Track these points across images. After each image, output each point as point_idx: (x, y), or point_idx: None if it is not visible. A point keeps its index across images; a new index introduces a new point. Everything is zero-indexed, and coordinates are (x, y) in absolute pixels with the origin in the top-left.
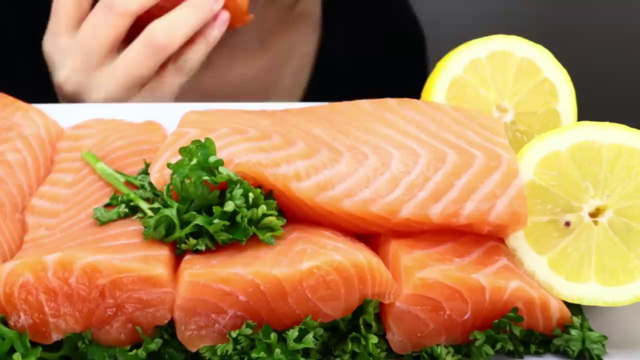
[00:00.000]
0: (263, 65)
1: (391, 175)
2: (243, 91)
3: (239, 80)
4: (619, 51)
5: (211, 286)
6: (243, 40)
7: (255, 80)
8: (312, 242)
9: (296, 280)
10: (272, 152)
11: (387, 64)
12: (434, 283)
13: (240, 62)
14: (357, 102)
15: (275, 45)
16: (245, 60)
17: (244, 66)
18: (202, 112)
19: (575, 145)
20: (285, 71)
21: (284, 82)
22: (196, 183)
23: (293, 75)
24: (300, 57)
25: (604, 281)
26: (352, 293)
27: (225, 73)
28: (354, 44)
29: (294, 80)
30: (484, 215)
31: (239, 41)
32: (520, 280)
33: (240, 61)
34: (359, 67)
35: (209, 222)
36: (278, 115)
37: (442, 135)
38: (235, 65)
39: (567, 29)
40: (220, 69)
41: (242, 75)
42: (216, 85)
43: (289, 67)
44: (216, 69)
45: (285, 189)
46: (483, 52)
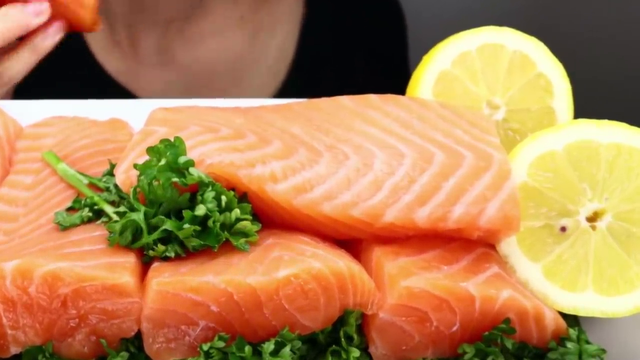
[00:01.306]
0: (241, 40)
1: (374, 177)
2: (219, 67)
3: (214, 55)
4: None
5: (181, 296)
6: (221, 14)
7: (232, 56)
8: (289, 248)
9: (272, 290)
10: (246, 152)
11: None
12: (420, 292)
13: (216, 37)
14: (337, 98)
15: (256, 21)
16: (221, 35)
17: (219, 41)
18: (171, 109)
19: (571, 145)
20: (267, 49)
21: (266, 60)
22: (165, 185)
23: (275, 54)
24: (284, 35)
25: (603, 290)
26: (332, 303)
27: (198, 47)
28: (339, 21)
29: (276, 59)
30: (473, 220)
31: (216, 14)
32: (513, 289)
33: (216, 35)
34: (343, 48)
35: (179, 227)
36: (253, 112)
37: (429, 133)
38: (211, 40)
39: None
40: (194, 43)
41: (217, 50)
42: (190, 59)
43: (271, 45)
44: (190, 43)
45: (261, 191)
46: (473, 44)
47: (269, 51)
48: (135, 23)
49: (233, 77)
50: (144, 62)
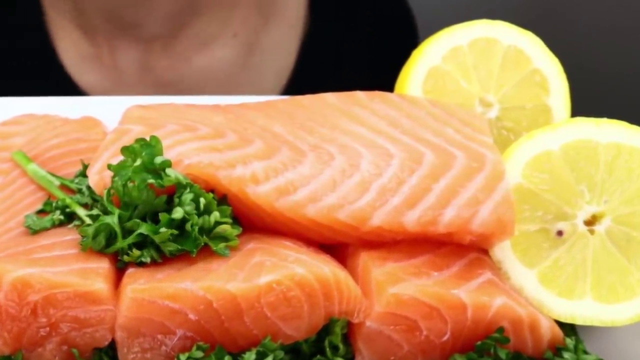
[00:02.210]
0: (232, 60)
1: (360, 178)
2: (207, 87)
3: (201, 74)
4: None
5: (157, 303)
6: (210, 30)
7: (222, 76)
8: (272, 253)
9: (253, 297)
10: (226, 152)
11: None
12: (408, 300)
13: (203, 54)
14: (322, 95)
15: (252, 39)
16: (210, 52)
17: (208, 57)
18: (148, 106)
19: (568, 144)
20: (263, 70)
21: (261, 82)
22: (140, 187)
23: (272, 76)
24: (282, 56)
25: (601, 298)
26: (316, 311)
27: (183, 65)
28: (341, 45)
29: (272, 81)
30: (465, 223)
31: (205, 30)
32: (507, 296)
33: (204, 53)
34: (345, 72)
35: (155, 231)
36: (233, 110)
37: (418, 132)
38: (198, 57)
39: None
40: (179, 60)
41: (205, 69)
42: (174, 77)
43: (267, 66)
44: (174, 60)
45: (241, 193)
46: (465, 38)
47: (265, 73)
48: (116, 37)
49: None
50: (124, 79)
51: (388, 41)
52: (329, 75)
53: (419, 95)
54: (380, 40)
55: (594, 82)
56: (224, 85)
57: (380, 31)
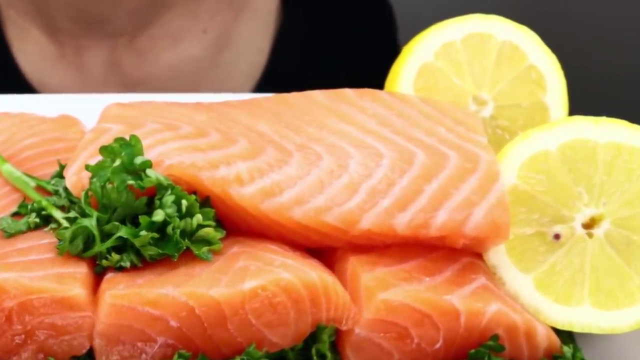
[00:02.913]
0: (201, 55)
1: (349, 179)
2: (175, 84)
3: (169, 71)
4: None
5: (137, 310)
6: (177, 25)
7: (191, 72)
8: (256, 257)
9: (237, 303)
10: (209, 152)
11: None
12: (399, 306)
13: (171, 50)
14: (309, 93)
15: (222, 35)
16: (178, 49)
17: (175, 55)
18: (127, 104)
19: (566, 144)
20: (233, 67)
21: (231, 79)
22: (119, 188)
23: (243, 73)
24: (254, 52)
25: (600, 304)
26: (303, 318)
27: (151, 62)
28: (315, 42)
29: (244, 79)
30: (458, 227)
31: (172, 26)
32: (501, 302)
33: (171, 49)
34: (318, 68)
35: (135, 235)
36: (216, 108)
37: (409, 132)
38: (165, 54)
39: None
40: (146, 57)
41: (173, 66)
42: (142, 75)
43: (238, 62)
44: (142, 57)
45: (225, 195)
46: (457, 34)
47: (236, 70)
48: (82, 36)
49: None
50: (91, 80)
51: (365, 36)
52: (302, 73)
53: (410, 92)
54: (356, 36)
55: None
56: (193, 84)
57: (357, 26)
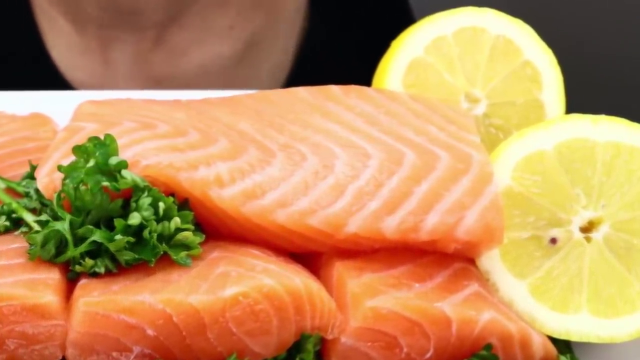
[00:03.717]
0: (229, 53)
1: (335, 181)
2: (202, 82)
3: (197, 69)
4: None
5: (112, 317)
6: (204, 21)
7: (219, 70)
8: (238, 263)
9: (217, 311)
10: (187, 152)
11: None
12: (387, 314)
13: (199, 48)
14: (292, 89)
15: (249, 31)
16: (206, 46)
17: (203, 52)
18: (102, 102)
19: (563, 144)
20: (260, 65)
21: (256, 79)
22: (93, 190)
23: (269, 73)
24: (280, 50)
25: (599, 312)
26: (286, 326)
27: (179, 59)
28: (340, 44)
29: (269, 80)
30: (450, 230)
31: (199, 21)
32: (495, 310)
33: (200, 46)
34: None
35: (110, 239)
36: (195, 106)
37: (398, 131)
38: (193, 51)
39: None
40: (174, 54)
41: (200, 63)
42: (169, 72)
43: (264, 61)
44: (169, 54)
45: (204, 197)
46: (449, 27)
47: (262, 67)
48: (110, 27)
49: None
50: (116, 74)
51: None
52: (327, 75)
53: (399, 89)
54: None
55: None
56: (219, 83)
57: (382, 30)
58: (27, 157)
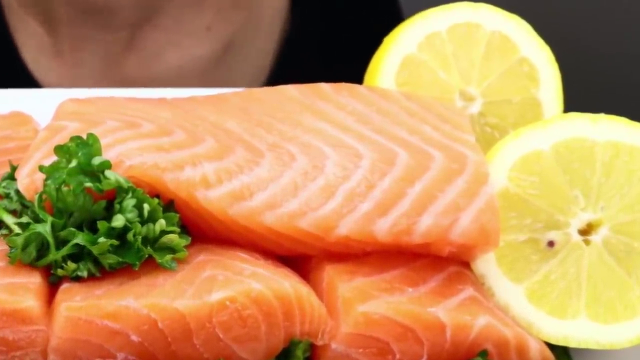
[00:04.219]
0: (207, 55)
1: (325, 182)
2: (178, 85)
3: (173, 72)
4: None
5: (95, 323)
6: (182, 20)
7: (196, 73)
8: (225, 266)
9: (204, 316)
10: (173, 152)
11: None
12: (380, 319)
13: (175, 48)
14: (281, 87)
15: (228, 33)
16: (182, 48)
17: (179, 53)
18: (84, 100)
19: (560, 143)
20: (238, 68)
21: (235, 83)
22: (76, 191)
23: (248, 75)
24: (260, 54)
25: (598, 317)
26: (275, 332)
27: (153, 62)
28: (324, 45)
29: (248, 83)
30: (444, 233)
31: (178, 23)
32: (491, 315)
33: (175, 47)
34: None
35: (93, 241)
36: (181, 105)
37: (391, 130)
38: (168, 54)
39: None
40: (148, 57)
41: (176, 65)
42: (143, 74)
43: (243, 63)
44: (143, 56)
45: (190, 198)
46: (443, 23)
47: (241, 69)
48: (82, 28)
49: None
50: (88, 77)
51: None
52: (309, 77)
53: (391, 87)
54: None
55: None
56: (196, 85)
57: (368, 31)
58: (7, 157)
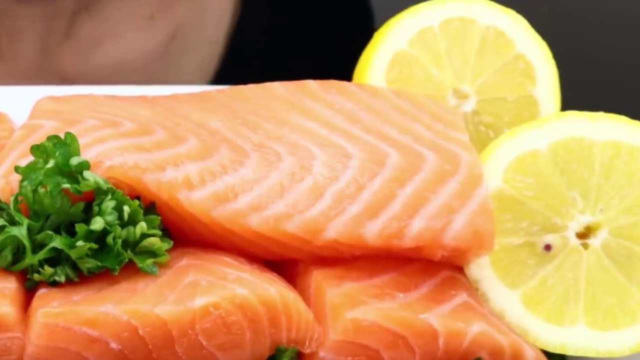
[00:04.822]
0: (152, 45)
1: (313, 183)
2: (119, 79)
3: (114, 64)
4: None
5: (73, 330)
6: (120, 11)
7: (140, 65)
8: (208, 271)
9: (186, 322)
10: (154, 152)
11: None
12: (369, 326)
13: (116, 39)
14: (267, 85)
15: (173, 19)
16: (124, 37)
17: (120, 44)
18: (62, 98)
19: (558, 143)
20: (184, 60)
21: (182, 75)
22: (53, 193)
23: (196, 67)
24: (208, 44)
25: (596, 324)
26: (260, 339)
27: (92, 52)
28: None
29: (197, 75)
30: (436, 236)
31: (119, 11)
32: (485, 322)
33: (116, 37)
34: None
35: (71, 245)
36: (162, 103)
37: (381, 129)
38: (109, 43)
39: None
40: (87, 46)
41: (117, 57)
42: (81, 68)
43: (190, 55)
44: (81, 46)
45: (172, 200)
46: (436, 18)
47: (188, 61)
48: (15, 18)
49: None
50: (22, 70)
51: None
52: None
53: (381, 85)
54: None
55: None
56: (139, 78)
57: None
58: None
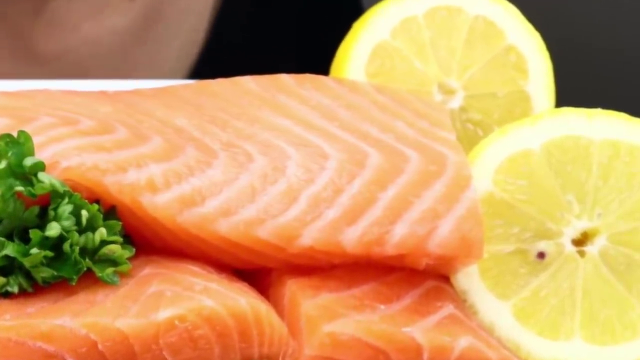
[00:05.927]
0: (128, 29)
1: (287, 185)
2: (95, 62)
3: (88, 45)
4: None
5: (27, 344)
6: None
7: (117, 47)
8: (173, 281)
9: (150, 337)
10: (115, 152)
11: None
12: (348, 340)
13: (92, 20)
14: (237, 79)
15: (151, 5)
16: (101, 18)
17: (97, 25)
18: (15, 94)
19: (552, 142)
20: (164, 45)
21: (161, 60)
22: (5, 196)
23: (175, 52)
24: (189, 30)
25: (594, 338)
26: (230, 355)
27: (67, 33)
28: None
29: (177, 61)
30: (420, 243)
31: None
32: (473, 336)
33: (93, 18)
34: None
35: (24, 253)
36: (124, 99)
37: (361, 127)
38: (83, 24)
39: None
40: (61, 26)
41: (93, 39)
42: (55, 50)
43: (170, 39)
44: (54, 26)
45: (135, 204)
46: (420, 7)
47: (168, 45)
48: None
49: (119, 73)
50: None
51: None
52: (247, 58)
53: (361, 79)
54: (314, 18)
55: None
56: (116, 63)
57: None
58: None
